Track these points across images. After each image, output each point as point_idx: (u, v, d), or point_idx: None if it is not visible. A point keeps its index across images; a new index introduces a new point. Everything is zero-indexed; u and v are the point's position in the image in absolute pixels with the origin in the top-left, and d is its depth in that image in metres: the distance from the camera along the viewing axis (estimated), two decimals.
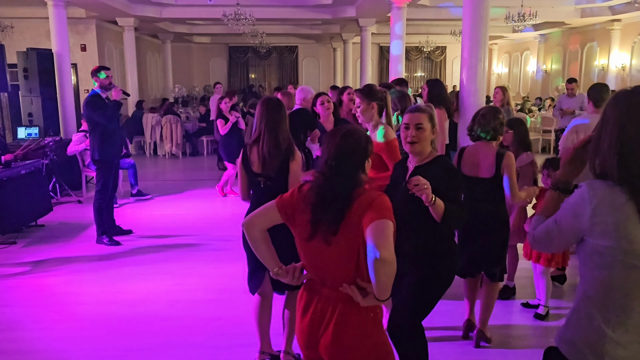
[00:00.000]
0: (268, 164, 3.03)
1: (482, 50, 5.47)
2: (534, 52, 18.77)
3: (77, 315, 4.09)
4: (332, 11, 13.28)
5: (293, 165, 3.01)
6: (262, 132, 3.05)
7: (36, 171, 6.53)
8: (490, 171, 3.35)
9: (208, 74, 20.69)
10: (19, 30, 11.99)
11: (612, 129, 1.55)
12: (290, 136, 3.11)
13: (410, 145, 2.67)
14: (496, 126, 3.36)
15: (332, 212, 1.89)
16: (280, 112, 3.08)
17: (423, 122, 2.63)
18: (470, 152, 3.47)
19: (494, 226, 3.43)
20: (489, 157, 3.36)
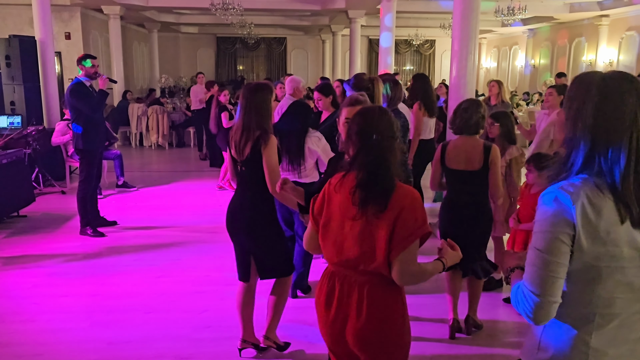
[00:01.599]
0: (238, 147, 3.03)
1: (472, 43, 5.44)
2: (522, 46, 18.82)
3: (59, 307, 4.01)
4: (322, 2, 13.17)
5: (265, 152, 2.96)
6: (240, 115, 3.08)
7: (18, 161, 6.39)
8: (479, 163, 3.34)
9: (195, 64, 20.45)
10: (2, 17, 11.74)
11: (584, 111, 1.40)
12: (268, 123, 3.04)
13: None
14: (478, 120, 3.35)
15: (382, 187, 1.86)
16: (255, 96, 3.03)
17: None
18: (455, 145, 3.46)
19: (479, 219, 3.44)
20: (476, 150, 3.36)
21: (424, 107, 5.64)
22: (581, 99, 1.41)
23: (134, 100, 12.64)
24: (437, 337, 3.60)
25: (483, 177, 3.36)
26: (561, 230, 1.36)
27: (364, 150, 1.89)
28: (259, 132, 2.97)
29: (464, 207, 3.42)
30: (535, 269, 1.40)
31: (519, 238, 3.82)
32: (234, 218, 3.15)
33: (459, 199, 3.46)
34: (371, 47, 21.13)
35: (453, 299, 3.62)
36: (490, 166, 3.33)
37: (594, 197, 1.36)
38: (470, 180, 3.40)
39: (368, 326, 1.91)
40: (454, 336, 3.57)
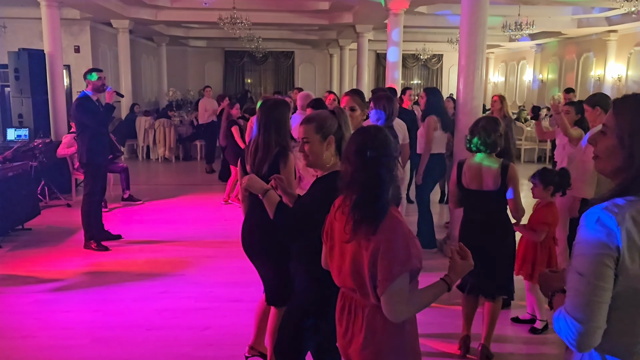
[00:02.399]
0: (257, 165, 2.96)
1: (480, 58, 5.38)
2: (530, 61, 18.78)
3: (61, 323, 3.96)
4: (329, 17, 13.22)
5: (284, 171, 2.89)
6: (257, 131, 3.00)
7: (24, 173, 6.40)
8: (496, 184, 3.27)
9: (203, 77, 20.55)
10: (13, 31, 11.84)
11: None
12: (287, 140, 2.99)
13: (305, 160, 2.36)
14: (496, 139, 3.27)
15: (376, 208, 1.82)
16: (273, 113, 2.98)
17: (308, 135, 2.30)
18: (471, 164, 3.37)
19: (498, 239, 3.34)
20: (493, 169, 3.28)
21: (442, 123, 5.64)
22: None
23: (141, 113, 12.69)
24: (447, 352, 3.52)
25: (500, 197, 3.28)
26: (605, 252, 1.31)
27: (360, 170, 1.85)
28: (278, 149, 2.92)
29: (482, 227, 3.32)
30: (578, 294, 1.34)
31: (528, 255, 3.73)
32: (249, 240, 3.06)
33: (476, 218, 3.37)
34: (379, 61, 21.17)
35: (467, 319, 3.53)
36: (509, 186, 3.26)
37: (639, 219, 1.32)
38: (487, 201, 3.31)
39: (365, 351, 1.88)
40: (465, 356, 3.48)
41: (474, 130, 3.33)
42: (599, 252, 1.31)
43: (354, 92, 4.09)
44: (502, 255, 3.37)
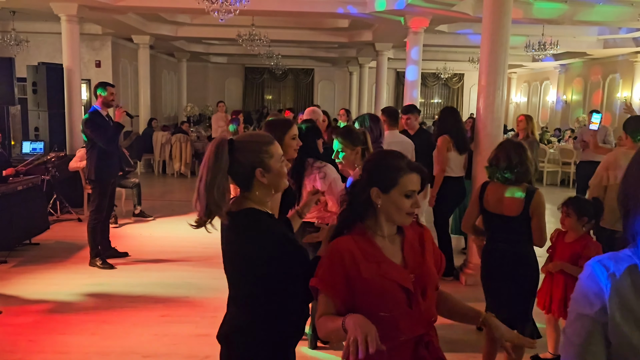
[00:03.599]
0: None
1: (501, 78, 5.17)
2: (553, 81, 18.44)
3: (56, 346, 3.81)
4: (349, 35, 13.15)
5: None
6: None
7: (34, 187, 6.34)
8: (518, 209, 3.03)
9: (223, 93, 20.66)
10: (35, 45, 11.99)
11: None
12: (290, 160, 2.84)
13: None
14: (527, 168, 3.05)
15: None
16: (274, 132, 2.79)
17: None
18: (495, 187, 3.15)
19: (521, 271, 3.08)
20: (517, 194, 3.07)
21: (455, 143, 5.35)
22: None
23: (159, 128, 12.70)
24: None
25: (524, 223, 3.04)
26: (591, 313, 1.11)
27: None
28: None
29: (503, 256, 3.08)
30: (567, 357, 1.16)
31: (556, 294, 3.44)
32: None
33: (497, 247, 3.13)
34: (398, 79, 21.04)
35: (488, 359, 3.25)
36: (534, 213, 3.02)
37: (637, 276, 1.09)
38: (509, 227, 3.07)
39: None
40: None
41: (499, 156, 3.08)
42: (585, 311, 1.13)
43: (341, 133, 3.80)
44: (528, 289, 3.11)
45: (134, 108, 14.17)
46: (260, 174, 1.81)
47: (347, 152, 3.18)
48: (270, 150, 1.84)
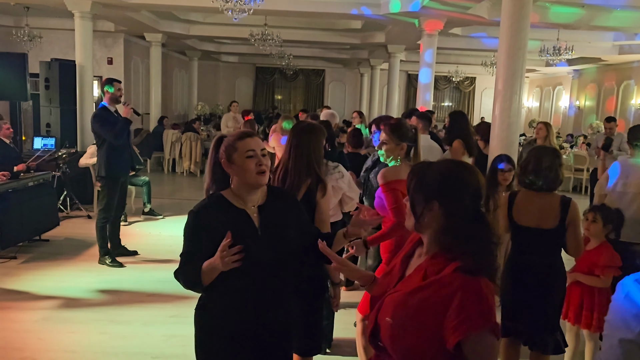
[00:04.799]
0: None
1: (518, 83, 5.11)
2: (567, 87, 18.28)
3: (65, 345, 3.77)
4: (361, 36, 13.10)
5: (321, 201, 2.66)
6: (286, 154, 2.77)
7: (45, 183, 6.33)
8: (555, 221, 2.90)
9: (233, 93, 20.67)
10: (48, 41, 12.04)
11: None
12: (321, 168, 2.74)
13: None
14: (557, 175, 2.95)
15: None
16: (307, 138, 2.74)
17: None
18: (526, 197, 3.01)
19: (551, 285, 2.97)
20: (552, 204, 2.93)
21: (467, 147, 5.32)
22: None
23: (169, 126, 12.70)
24: None
25: (558, 236, 2.93)
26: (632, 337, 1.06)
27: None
28: (313, 178, 2.68)
29: (532, 270, 2.96)
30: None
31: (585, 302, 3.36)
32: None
33: (526, 260, 2.98)
34: (410, 82, 20.95)
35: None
36: (570, 223, 2.91)
37: None
38: (542, 240, 2.95)
39: None
40: None
41: (529, 163, 2.98)
42: (626, 337, 1.08)
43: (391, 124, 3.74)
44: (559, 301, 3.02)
45: (144, 106, 14.19)
46: (224, 164, 2.00)
47: (391, 146, 3.02)
48: (236, 145, 1.98)
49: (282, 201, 2.12)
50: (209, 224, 1.95)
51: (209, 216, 1.98)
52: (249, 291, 1.99)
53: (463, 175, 1.52)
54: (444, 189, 1.50)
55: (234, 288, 1.97)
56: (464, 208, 1.49)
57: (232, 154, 1.98)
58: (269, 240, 1.99)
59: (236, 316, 2.00)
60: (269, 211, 2.04)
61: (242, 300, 1.99)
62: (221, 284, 1.94)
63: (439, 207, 1.50)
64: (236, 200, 2.01)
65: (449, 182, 1.51)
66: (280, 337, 2.11)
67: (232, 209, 2.00)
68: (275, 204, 2.08)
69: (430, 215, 1.51)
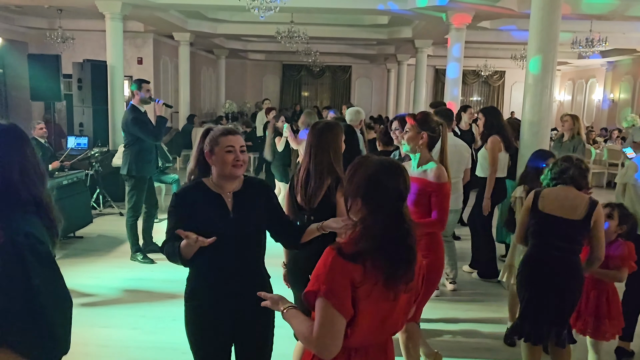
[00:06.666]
0: (306, 194, 2.74)
1: (549, 77, 5.00)
2: (600, 79, 17.81)
3: (98, 339, 3.87)
4: (388, 32, 13.00)
5: (341, 201, 2.64)
6: (307, 156, 2.80)
7: (79, 182, 6.49)
8: (582, 214, 2.89)
9: (261, 90, 20.80)
10: (80, 42, 12.32)
11: None
12: (341, 167, 2.76)
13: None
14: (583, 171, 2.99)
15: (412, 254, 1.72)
16: (325, 137, 2.76)
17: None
18: (553, 191, 3.01)
19: (570, 282, 2.92)
20: (580, 200, 2.93)
21: (504, 143, 5.20)
22: None
23: (198, 124, 12.86)
24: None
25: (581, 231, 2.90)
26: None
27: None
28: (333, 177, 2.71)
29: (552, 264, 2.92)
30: None
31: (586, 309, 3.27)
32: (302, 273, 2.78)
33: (546, 253, 2.95)
34: (437, 77, 20.72)
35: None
36: (595, 222, 2.88)
37: None
38: (565, 231, 2.91)
39: None
40: None
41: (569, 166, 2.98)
42: None
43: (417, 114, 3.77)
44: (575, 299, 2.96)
45: (173, 104, 14.40)
46: (207, 155, 2.23)
47: (412, 134, 3.07)
48: (218, 140, 2.21)
49: (255, 189, 2.36)
50: (190, 205, 2.20)
51: (190, 198, 2.23)
52: (221, 264, 2.21)
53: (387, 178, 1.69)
54: (367, 190, 1.69)
55: (208, 263, 2.19)
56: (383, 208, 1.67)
57: (214, 147, 2.22)
58: (239, 221, 2.24)
59: (210, 287, 2.23)
60: (242, 196, 2.29)
61: (215, 273, 2.22)
62: (197, 260, 2.15)
63: (361, 203, 1.70)
64: (214, 186, 2.26)
65: (371, 184, 1.68)
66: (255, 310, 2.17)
67: (210, 193, 2.26)
68: (248, 190, 2.32)
69: (356, 209, 1.72)
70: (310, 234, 2.35)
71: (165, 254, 2.22)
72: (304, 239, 2.36)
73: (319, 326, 1.62)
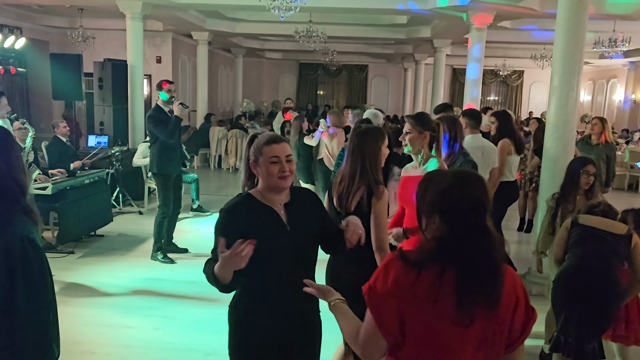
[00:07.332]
0: (342, 198, 2.72)
1: (575, 79, 4.90)
2: (622, 80, 17.51)
3: (121, 339, 3.90)
4: (407, 31, 12.91)
5: (376, 206, 2.65)
6: (345, 161, 2.80)
7: (100, 181, 6.55)
8: (622, 230, 2.86)
9: (277, 89, 20.82)
10: (101, 41, 12.42)
11: None
12: (378, 172, 2.73)
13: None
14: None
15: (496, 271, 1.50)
16: (364, 142, 2.75)
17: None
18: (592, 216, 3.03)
19: (610, 297, 2.86)
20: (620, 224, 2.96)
21: (515, 145, 5.34)
22: None
23: (215, 123, 12.90)
24: None
25: (623, 246, 2.85)
26: None
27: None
28: (369, 182, 2.68)
29: (593, 274, 2.86)
30: None
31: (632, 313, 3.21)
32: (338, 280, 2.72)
33: (587, 264, 2.89)
34: (455, 76, 20.55)
35: None
36: (635, 246, 2.84)
37: None
38: (607, 242, 2.87)
39: None
40: None
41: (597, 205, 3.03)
42: None
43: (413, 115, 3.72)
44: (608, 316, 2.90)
45: (191, 103, 14.46)
46: (252, 165, 2.10)
47: (414, 135, 3.05)
48: (262, 149, 2.06)
49: (303, 198, 2.22)
50: (240, 222, 2.02)
51: (240, 214, 2.06)
52: (278, 280, 2.07)
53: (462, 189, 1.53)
54: (442, 206, 1.52)
55: (265, 278, 2.06)
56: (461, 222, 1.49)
57: (258, 157, 2.08)
58: (296, 234, 2.09)
59: (267, 303, 2.09)
60: (293, 208, 2.14)
61: (272, 289, 2.07)
62: (252, 276, 2.00)
63: (439, 220, 1.52)
64: (263, 198, 2.10)
65: (446, 198, 1.52)
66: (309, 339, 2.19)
67: (261, 207, 2.10)
68: (300, 201, 2.18)
69: (433, 227, 1.54)
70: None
71: (206, 276, 2.06)
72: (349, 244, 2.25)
73: (365, 335, 1.52)
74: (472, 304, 1.43)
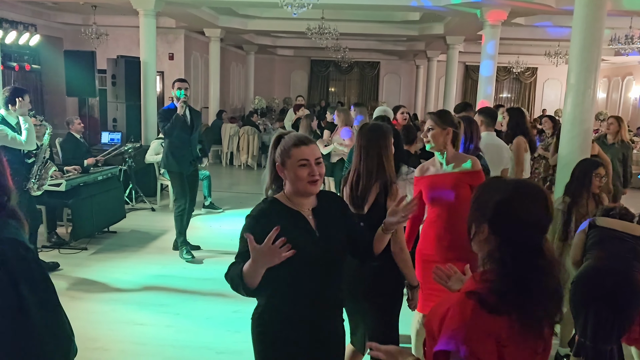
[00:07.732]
0: (355, 198, 2.68)
1: (592, 77, 4.84)
2: (637, 77, 17.26)
3: (134, 336, 3.92)
4: (419, 28, 12.83)
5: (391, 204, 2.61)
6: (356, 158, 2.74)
7: (113, 177, 6.58)
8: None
9: (289, 86, 20.80)
10: (114, 38, 12.47)
11: None
12: (391, 169, 2.69)
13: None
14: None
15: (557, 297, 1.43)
16: (375, 138, 2.69)
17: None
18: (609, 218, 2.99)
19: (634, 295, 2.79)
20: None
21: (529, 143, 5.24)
22: None
23: (227, 120, 12.92)
24: None
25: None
26: None
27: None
28: (383, 180, 2.63)
29: (614, 276, 2.80)
30: None
31: None
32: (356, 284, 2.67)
33: (607, 265, 2.84)
34: (467, 73, 20.39)
35: None
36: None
37: None
38: (627, 243, 2.83)
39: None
40: None
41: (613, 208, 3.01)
42: None
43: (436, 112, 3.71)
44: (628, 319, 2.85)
45: (204, 100, 14.52)
46: (278, 168, 1.99)
47: (437, 131, 3.03)
48: (290, 151, 1.95)
49: (330, 203, 2.14)
50: (268, 228, 1.79)
51: (267, 220, 1.92)
52: (307, 289, 1.97)
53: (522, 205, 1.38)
54: (495, 215, 1.39)
55: (294, 288, 1.97)
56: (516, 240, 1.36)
57: (285, 160, 1.97)
58: (326, 241, 2.00)
59: (293, 324, 1.99)
60: (321, 213, 2.06)
61: (301, 298, 1.98)
62: (278, 289, 1.93)
63: (489, 231, 1.40)
64: (291, 203, 2.01)
65: (502, 211, 1.39)
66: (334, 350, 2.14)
67: (289, 212, 2.00)
68: (327, 206, 2.09)
69: (481, 237, 1.42)
70: (380, 241, 2.14)
71: (229, 281, 1.93)
72: (377, 248, 2.15)
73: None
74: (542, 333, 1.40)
